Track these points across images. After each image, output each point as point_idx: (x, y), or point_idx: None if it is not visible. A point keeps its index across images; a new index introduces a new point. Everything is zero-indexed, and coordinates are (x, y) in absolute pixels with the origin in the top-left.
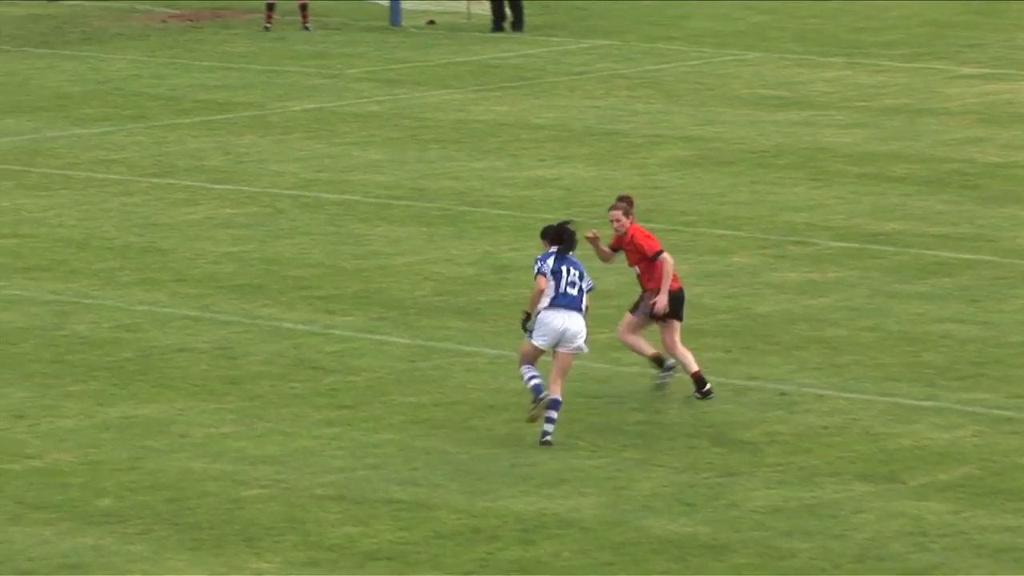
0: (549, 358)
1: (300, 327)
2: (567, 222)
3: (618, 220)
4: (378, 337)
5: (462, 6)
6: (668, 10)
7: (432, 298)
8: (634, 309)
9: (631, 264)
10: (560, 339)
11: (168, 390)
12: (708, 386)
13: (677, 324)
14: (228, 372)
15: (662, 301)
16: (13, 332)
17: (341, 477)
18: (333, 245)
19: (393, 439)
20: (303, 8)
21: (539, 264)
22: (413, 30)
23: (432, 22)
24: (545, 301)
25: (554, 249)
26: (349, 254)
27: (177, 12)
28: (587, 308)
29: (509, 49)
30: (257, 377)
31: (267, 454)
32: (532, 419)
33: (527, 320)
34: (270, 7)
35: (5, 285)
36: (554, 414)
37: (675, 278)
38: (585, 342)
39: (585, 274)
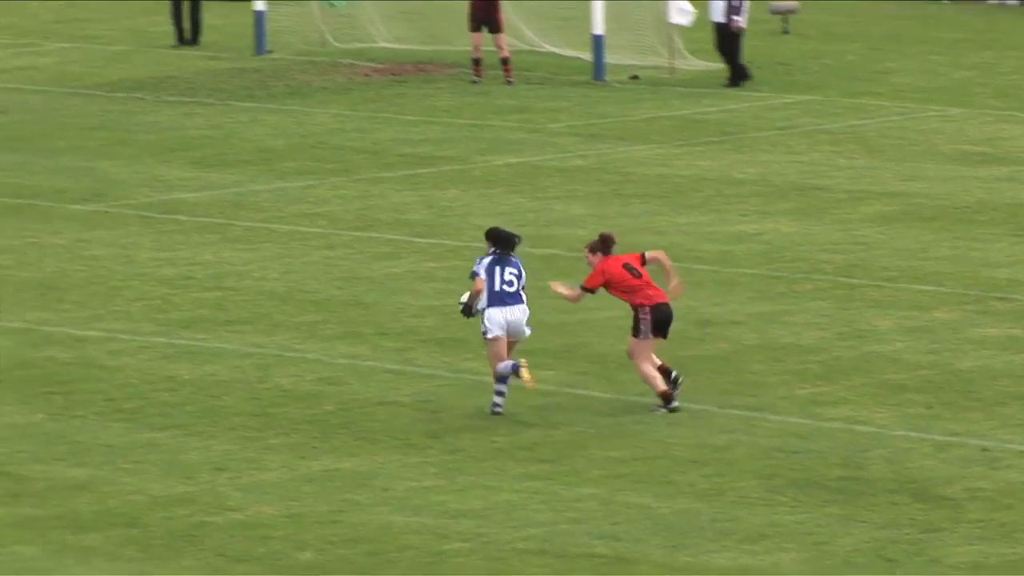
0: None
1: None
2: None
3: (586, 258)
4: (580, 391)
5: (665, 60)
6: (871, 65)
7: None
8: (635, 332)
9: (619, 295)
10: (507, 329)
11: (370, 443)
12: (673, 403)
13: (649, 344)
14: (430, 426)
15: (676, 287)
16: (216, 385)
17: (542, 531)
18: (536, 299)
19: (594, 493)
20: (505, 62)
21: (476, 266)
22: (616, 85)
23: (635, 77)
24: (484, 300)
25: (493, 251)
26: (552, 308)
27: (381, 66)
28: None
29: (712, 104)
30: (459, 431)
31: (469, 508)
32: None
33: (466, 311)
34: (476, 61)
35: (208, 338)
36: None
37: (663, 295)
38: (527, 325)
39: (522, 273)
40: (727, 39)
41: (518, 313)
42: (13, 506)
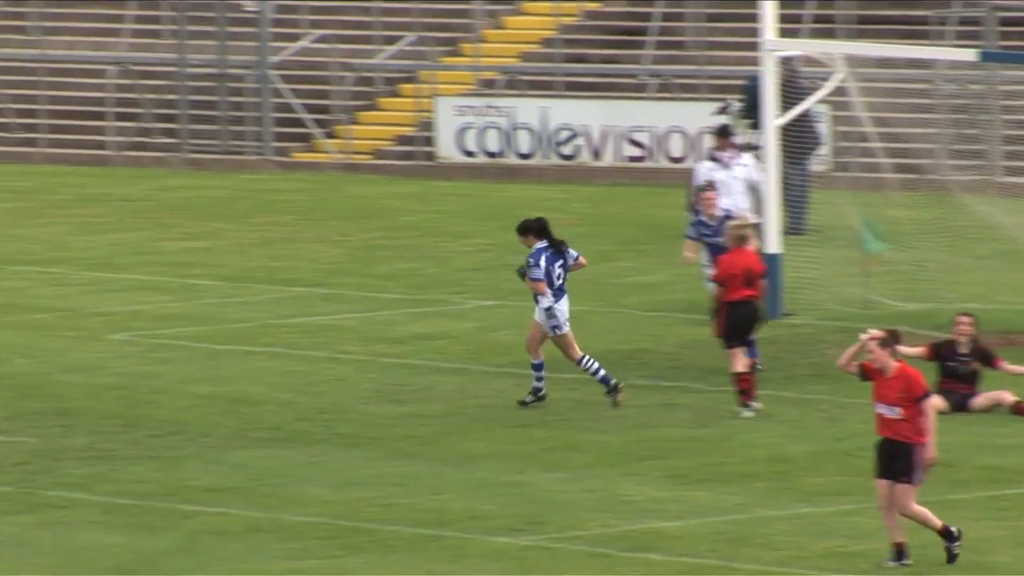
0: None
1: None
2: (541, 219)
3: (871, 351)
4: None
5: None
6: None
7: None
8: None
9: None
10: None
11: None
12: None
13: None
14: None
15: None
16: None
17: None
18: None
19: None
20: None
21: (535, 269)
22: None
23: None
24: (550, 298)
25: (542, 246)
26: None
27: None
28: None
29: None
30: None
31: None
32: (617, 405)
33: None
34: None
35: None
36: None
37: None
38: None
39: (568, 256)
40: None
41: (567, 305)
42: None
